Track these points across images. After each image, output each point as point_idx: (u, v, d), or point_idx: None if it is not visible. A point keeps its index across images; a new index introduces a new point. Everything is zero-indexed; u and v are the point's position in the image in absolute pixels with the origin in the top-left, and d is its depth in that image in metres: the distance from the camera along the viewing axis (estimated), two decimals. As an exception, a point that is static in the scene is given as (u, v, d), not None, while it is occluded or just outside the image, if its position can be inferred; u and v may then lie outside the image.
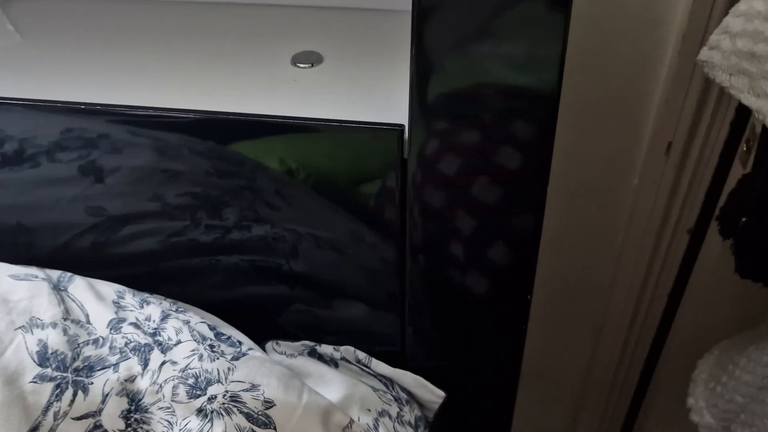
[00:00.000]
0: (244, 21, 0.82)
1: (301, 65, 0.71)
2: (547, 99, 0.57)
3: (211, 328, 0.67)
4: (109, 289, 0.68)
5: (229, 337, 0.67)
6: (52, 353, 0.59)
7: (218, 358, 0.63)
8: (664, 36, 0.79)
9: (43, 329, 0.61)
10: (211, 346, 0.64)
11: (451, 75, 0.56)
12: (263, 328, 0.75)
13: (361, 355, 0.72)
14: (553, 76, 0.56)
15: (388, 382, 0.73)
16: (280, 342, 0.74)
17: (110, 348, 0.62)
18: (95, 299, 0.66)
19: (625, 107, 0.86)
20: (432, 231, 0.65)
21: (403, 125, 0.60)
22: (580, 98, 0.85)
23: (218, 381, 0.61)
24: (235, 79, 0.71)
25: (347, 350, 0.73)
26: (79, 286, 0.67)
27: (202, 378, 0.61)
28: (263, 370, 0.63)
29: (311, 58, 0.72)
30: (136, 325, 0.64)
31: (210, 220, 0.74)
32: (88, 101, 0.68)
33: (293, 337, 0.75)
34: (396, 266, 0.70)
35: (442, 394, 0.72)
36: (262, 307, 0.77)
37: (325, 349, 0.73)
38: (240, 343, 0.67)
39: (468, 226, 0.64)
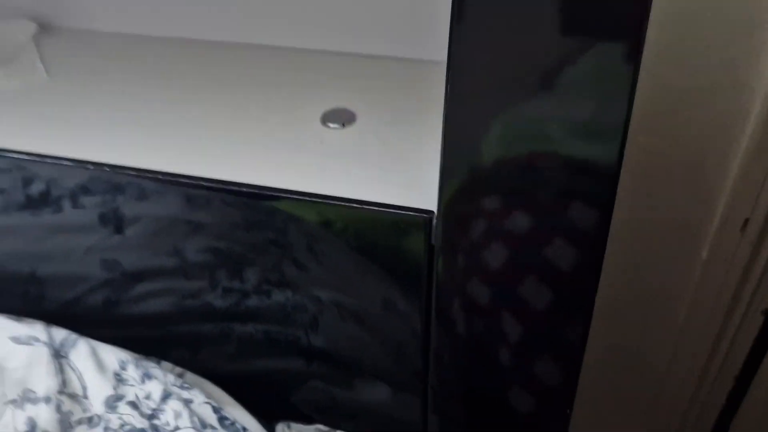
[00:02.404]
0: (281, 66, 0.76)
1: (332, 125, 0.65)
2: (604, 176, 0.47)
3: (216, 410, 0.62)
4: (113, 357, 0.64)
5: (233, 423, 0.61)
6: None
7: (217, 452, 0.57)
8: (746, 101, 0.69)
9: (35, 404, 0.57)
10: (211, 437, 0.58)
11: (489, 147, 0.48)
12: (276, 406, 0.70)
13: (379, 446, 0.66)
14: (614, 148, 0.46)
15: (407, 478, 0.66)
16: (292, 424, 0.68)
17: (105, 429, 0.58)
18: (96, 369, 0.62)
19: (698, 176, 0.76)
20: (460, 305, 0.58)
21: (432, 212, 0.53)
22: (646, 161, 0.77)
23: (214, 479, 0.55)
24: (266, 138, 0.66)
25: (364, 439, 0.66)
26: (82, 353, 0.63)
27: (197, 474, 0.55)
28: (265, 466, 0.57)
29: (343, 118, 0.66)
30: (134, 405, 0.60)
31: (228, 282, 0.69)
32: (102, 162, 0.64)
33: (307, 419, 0.69)
34: (421, 341, 0.63)
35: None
36: (275, 383, 0.71)
37: (341, 435, 0.67)
38: (245, 429, 0.61)
39: (508, 325, 0.56)
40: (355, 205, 0.56)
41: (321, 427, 0.68)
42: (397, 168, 0.60)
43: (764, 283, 0.82)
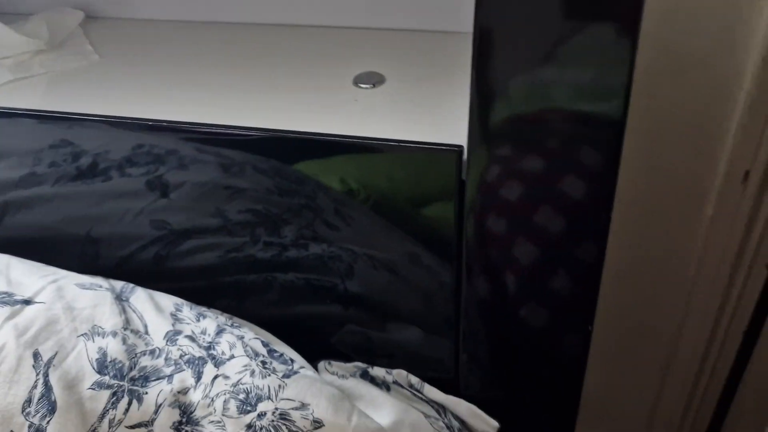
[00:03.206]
0: (311, 43, 0.83)
1: (363, 86, 0.72)
2: (613, 126, 0.54)
3: (264, 344, 0.67)
4: (168, 301, 0.70)
5: (281, 355, 0.67)
6: (110, 361, 0.61)
7: (269, 375, 0.62)
8: (742, 60, 0.75)
9: (103, 337, 0.62)
10: (263, 363, 0.64)
11: (513, 99, 0.55)
12: (316, 347, 0.75)
13: (414, 379, 0.71)
14: (619, 103, 0.54)
15: (441, 409, 0.71)
16: (332, 362, 0.74)
17: (166, 359, 0.63)
18: (154, 311, 0.67)
19: (699, 133, 0.82)
20: (489, 257, 0.63)
21: (461, 146, 0.59)
22: (651, 123, 0.82)
23: (268, 398, 0.60)
24: (300, 99, 0.72)
25: (400, 374, 0.71)
26: (140, 298, 0.69)
27: (253, 394, 0.61)
28: (313, 389, 0.62)
29: (373, 79, 0.72)
30: (192, 338, 0.65)
31: (268, 237, 0.75)
32: (157, 118, 0.70)
33: (345, 358, 0.74)
34: (451, 290, 0.68)
35: (496, 424, 0.69)
36: (315, 327, 0.77)
37: (378, 371, 0.72)
38: (292, 360, 0.67)
39: (527, 254, 0.62)
40: (392, 143, 0.61)
41: (359, 363, 0.73)
42: (426, 118, 0.66)
43: (767, 237, 0.86)
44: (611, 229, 0.89)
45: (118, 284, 0.71)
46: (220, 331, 0.66)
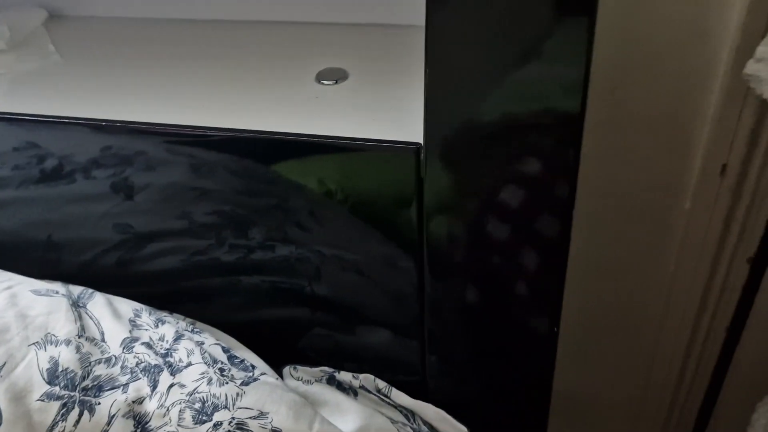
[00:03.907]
0: (273, 38, 0.81)
1: (326, 82, 0.70)
2: (571, 121, 0.52)
3: (225, 350, 0.66)
4: (127, 307, 0.68)
5: (242, 361, 0.65)
6: (62, 371, 0.59)
7: (227, 383, 0.61)
8: (714, 50, 0.73)
9: (56, 346, 0.61)
10: (222, 370, 0.62)
11: (467, 96, 0.53)
12: (282, 352, 0.73)
13: (381, 384, 0.69)
14: (576, 97, 0.51)
15: (409, 414, 0.69)
16: (298, 367, 0.72)
17: (122, 367, 0.61)
18: (112, 317, 0.66)
19: (674, 126, 0.80)
20: (451, 257, 0.62)
21: (419, 143, 0.57)
22: (625, 116, 0.80)
23: (225, 407, 0.59)
24: (261, 96, 0.70)
25: (367, 378, 0.70)
26: (98, 303, 0.67)
27: (209, 403, 0.59)
28: (273, 396, 0.61)
29: (336, 75, 0.70)
30: (149, 345, 0.63)
31: (234, 240, 0.73)
32: (123, 119, 0.68)
33: (313, 363, 0.73)
34: (417, 290, 0.67)
35: (464, 429, 0.68)
36: (282, 330, 0.75)
37: (344, 376, 0.70)
38: (253, 367, 0.65)
39: (489, 253, 0.60)
40: (349, 141, 0.60)
41: (326, 368, 0.71)
42: (389, 115, 0.64)
43: (748, 231, 0.85)
44: (589, 225, 0.88)
45: (77, 290, 0.69)
46: (178, 337, 0.64)
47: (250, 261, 0.73)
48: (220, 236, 0.73)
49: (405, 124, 0.61)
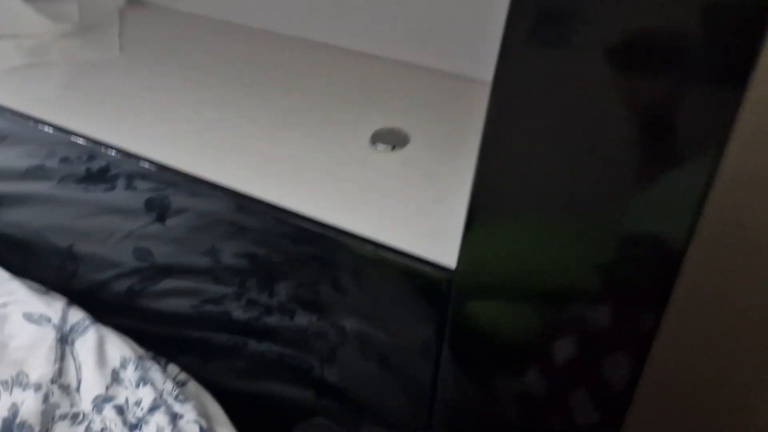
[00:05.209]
0: (346, 71, 0.71)
1: (380, 147, 0.59)
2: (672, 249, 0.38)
3: (203, 431, 0.58)
4: (117, 353, 0.62)
5: (217, 449, 0.57)
6: (18, 424, 0.53)
7: (189, 479, 0.53)
8: None
9: (24, 390, 0.55)
10: (187, 462, 0.54)
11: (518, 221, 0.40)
12: (275, 435, 0.65)
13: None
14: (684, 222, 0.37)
15: None
16: (286, 460, 0.63)
17: (86, 429, 0.55)
18: (95, 363, 0.60)
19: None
20: (465, 395, 0.50)
21: (451, 271, 0.45)
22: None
23: None
24: (311, 156, 0.61)
25: (358, 495, 0.60)
26: (88, 341, 0.62)
27: (161, 501, 0.51)
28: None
29: (394, 139, 0.59)
30: (121, 410, 0.57)
31: (256, 293, 0.65)
32: (154, 146, 0.62)
33: (304, 457, 0.64)
34: (428, 396, 0.56)
35: None
36: (280, 410, 0.67)
37: (335, 484, 0.61)
38: (228, 459, 0.57)
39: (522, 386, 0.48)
40: (370, 244, 0.49)
41: (315, 470, 0.62)
42: (435, 209, 0.52)
43: None
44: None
45: (75, 317, 0.64)
46: (154, 408, 0.57)
47: (263, 324, 0.65)
48: (242, 285, 0.66)
49: (446, 230, 0.49)
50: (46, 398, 0.56)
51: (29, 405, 0.55)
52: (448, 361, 0.52)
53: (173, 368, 0.65)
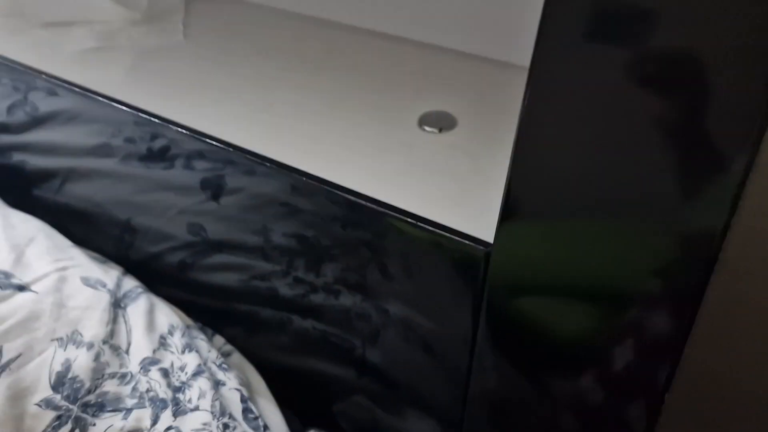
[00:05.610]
0: (399, 58, 0.72)
1: (428, 129, 0.59)
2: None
3: (243, 399, 0.59)
4: (165, 320, 0.64)
5: (255, 418, 0.58)
6: (70, 378, 0.56)
7: (227, 443, 0.54)
8: None
9: (77, 347, 0.58)
10: (225, 426, 0.55)
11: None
12: (315, 409, 0.65)
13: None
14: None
15: None
16: (322, 436, 0.64)
17: (133, 389, 0.57)
18: (145, 328, 0.62)
19: None
20: (499, 374, 0.50)
21: (490, 245, 0.45)
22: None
23: (213, 470, 0.52)
24: (359, 136, 0.62)
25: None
26: (139, 308, 0.64)
27: (199, 461, 0.53)
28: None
29: (441, 122, 0.60)
30: (165, 373, 0.59)
31: (303, 272, 0.66)
32: (218, 127, 0.64)
33: (341, 433, 0.64)
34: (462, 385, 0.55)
35: None
36: (320, 386, 0.67)
37: (370, 462, 0.61)
38: (265, 428, 0.58)
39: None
40: (410, 220, 0.49)
41: (352, 447, 0.63)
42: (480, 192, 0.52)
43: None
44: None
45: (128, 284, 0.67)
46: (198, 372, 0.59)
47: (308, 302, 0.66)
48: (290, 264, 0.67)
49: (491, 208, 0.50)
50: (97, 357, 0.58)
51: (81, 362, 0.57)
52: (483, 351, 0.52)
53: (219, 339, 0.67)
